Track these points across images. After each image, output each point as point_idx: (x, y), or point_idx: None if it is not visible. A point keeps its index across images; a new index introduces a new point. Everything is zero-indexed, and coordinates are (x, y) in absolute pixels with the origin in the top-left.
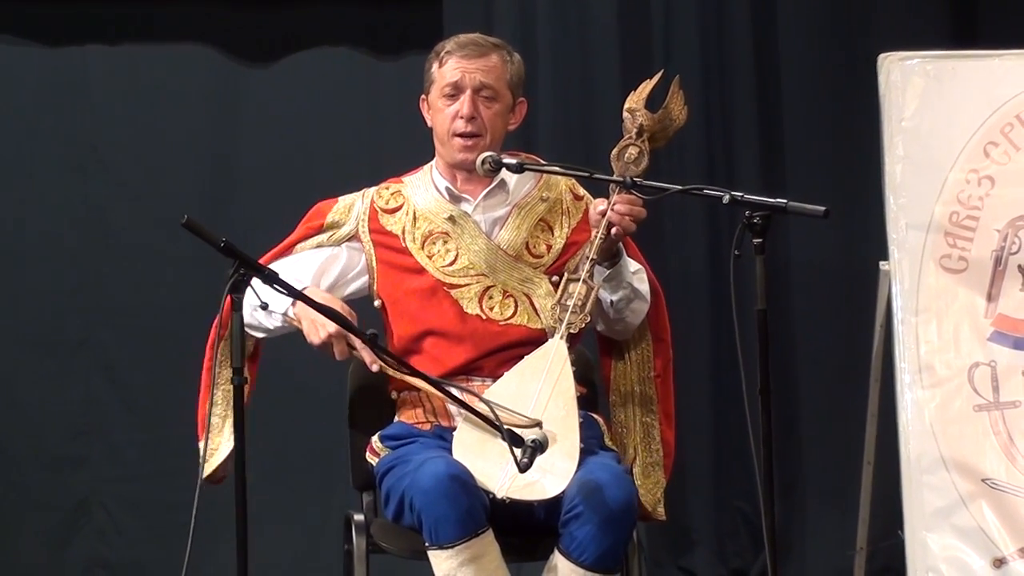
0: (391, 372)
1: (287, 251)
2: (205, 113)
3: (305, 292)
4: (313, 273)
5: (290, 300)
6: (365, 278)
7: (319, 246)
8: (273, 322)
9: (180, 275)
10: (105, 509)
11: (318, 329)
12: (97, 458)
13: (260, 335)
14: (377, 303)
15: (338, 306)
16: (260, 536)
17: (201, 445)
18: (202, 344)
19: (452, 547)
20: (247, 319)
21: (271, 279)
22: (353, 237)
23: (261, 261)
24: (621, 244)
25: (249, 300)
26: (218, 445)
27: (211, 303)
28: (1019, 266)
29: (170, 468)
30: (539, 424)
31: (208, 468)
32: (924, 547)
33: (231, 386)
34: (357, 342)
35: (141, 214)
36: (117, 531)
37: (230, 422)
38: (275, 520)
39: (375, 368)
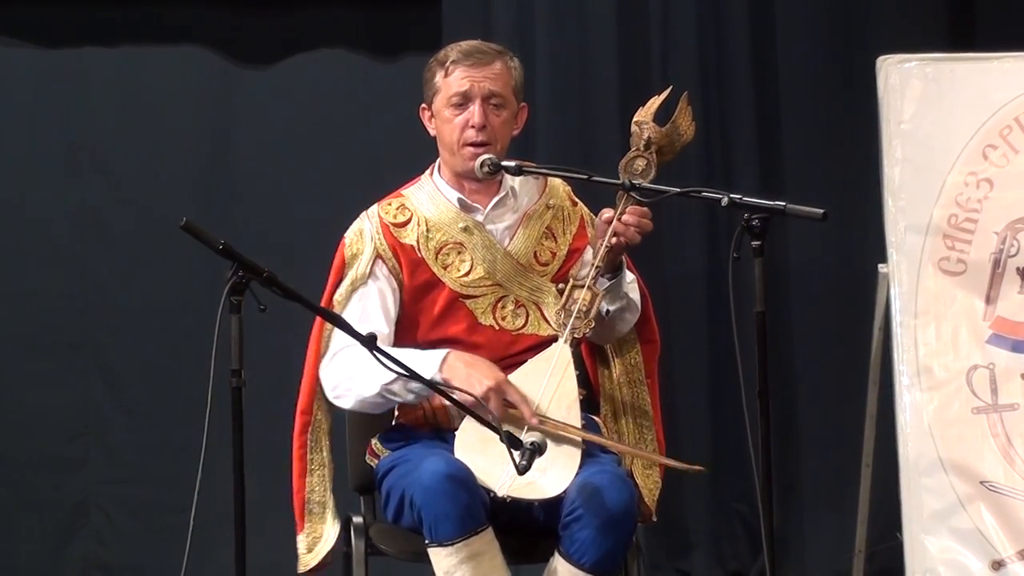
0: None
1: (330, 306)
2: (203, 115)
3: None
4: (384, 321)
5: (437, 364)
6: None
7: (353, 286)
8: (408, 396)
9: (178, 277)
10: (103, 511)
11: (474, 385)
12: (95, 460)
13: (377, 411)
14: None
15: (486, 366)
16: (258, 538)
17: (300, 538)
18: (200, 346)
19: (452, 544)
20: (372, 398)
21: (270, 282)
22: (377, 258)
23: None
24: (623, 256)
25: (379, 379)
26: (322, 533)
27: (210, 305)
28: (1017, 269)
29: (168, 470)
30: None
31: (315, 558)
32: (922, 549)
33: (325, 470)
34: (513, 398)
35: (139, 216)
36: (115, 533)
37: (332, 505)
38: (274, 522)
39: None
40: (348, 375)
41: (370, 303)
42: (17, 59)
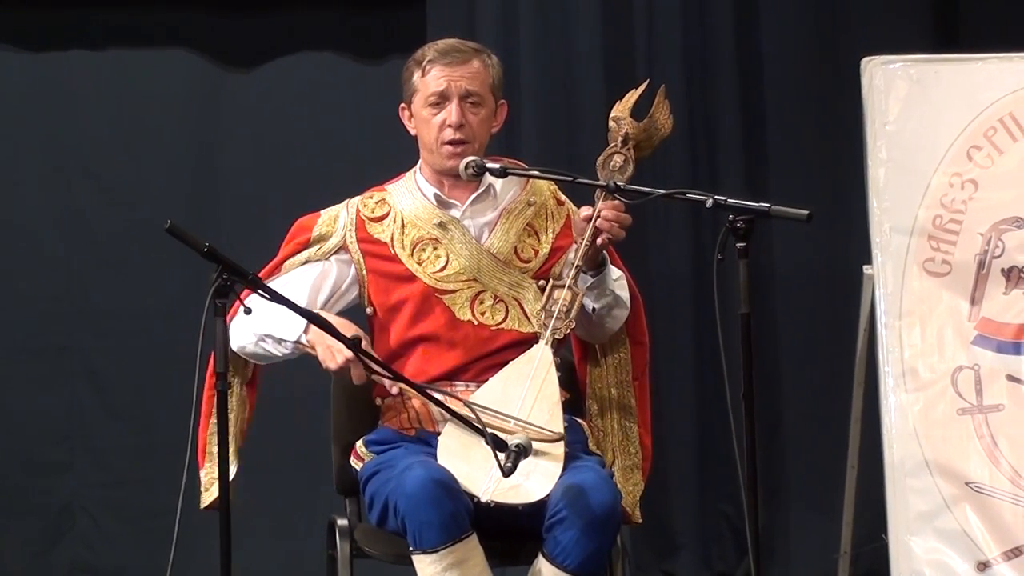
0: (379, 379)
1: (276, 270)
2: (189, 118)
3: (320, 314)
4: (308, 292)
5: (302, 326)
6: (356, 289)
7: (307, 261)
8: (282, 350)
9: (163, 280)
10: (89, 514)
11: (335, 355)
12: (81, 463)
13: (263, 363)
14: (369, 310)
15: (352, 330)
16: (244, 541)
17: (202, 474)
18: (185, 349)
19: (436, 552)
20: (252, 348)
21: (255, 285)
22: (341, 248)
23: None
24: (606, 252)
25: (254, 328)
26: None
27: (195, 308)
28: (1002, 270)
29: (154, 473)
30: (562, 438)
31: (209, 497)
32: (908, 551)
33: (231, 414)
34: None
35: (124, 219)
36: (101, 536)
37: (231, 449)
38: (259, 525)
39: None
40: (237, 322)
41: (305, 276)
42: (3, 63)
